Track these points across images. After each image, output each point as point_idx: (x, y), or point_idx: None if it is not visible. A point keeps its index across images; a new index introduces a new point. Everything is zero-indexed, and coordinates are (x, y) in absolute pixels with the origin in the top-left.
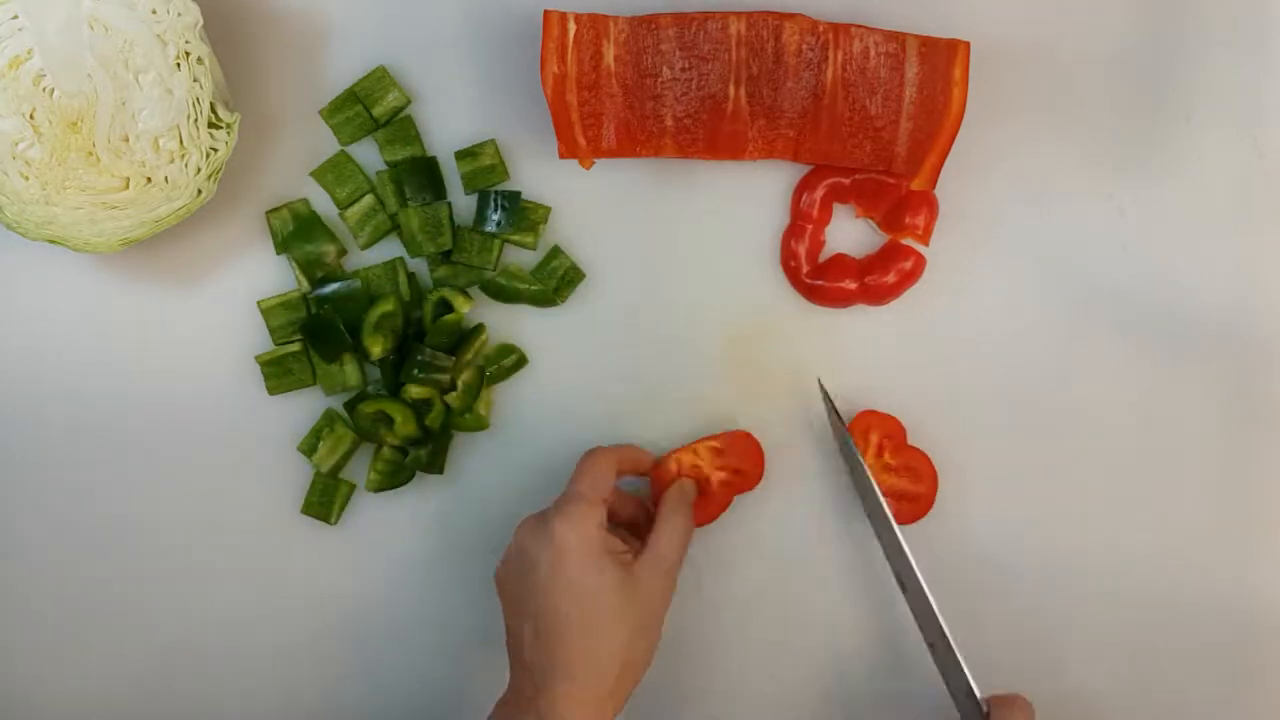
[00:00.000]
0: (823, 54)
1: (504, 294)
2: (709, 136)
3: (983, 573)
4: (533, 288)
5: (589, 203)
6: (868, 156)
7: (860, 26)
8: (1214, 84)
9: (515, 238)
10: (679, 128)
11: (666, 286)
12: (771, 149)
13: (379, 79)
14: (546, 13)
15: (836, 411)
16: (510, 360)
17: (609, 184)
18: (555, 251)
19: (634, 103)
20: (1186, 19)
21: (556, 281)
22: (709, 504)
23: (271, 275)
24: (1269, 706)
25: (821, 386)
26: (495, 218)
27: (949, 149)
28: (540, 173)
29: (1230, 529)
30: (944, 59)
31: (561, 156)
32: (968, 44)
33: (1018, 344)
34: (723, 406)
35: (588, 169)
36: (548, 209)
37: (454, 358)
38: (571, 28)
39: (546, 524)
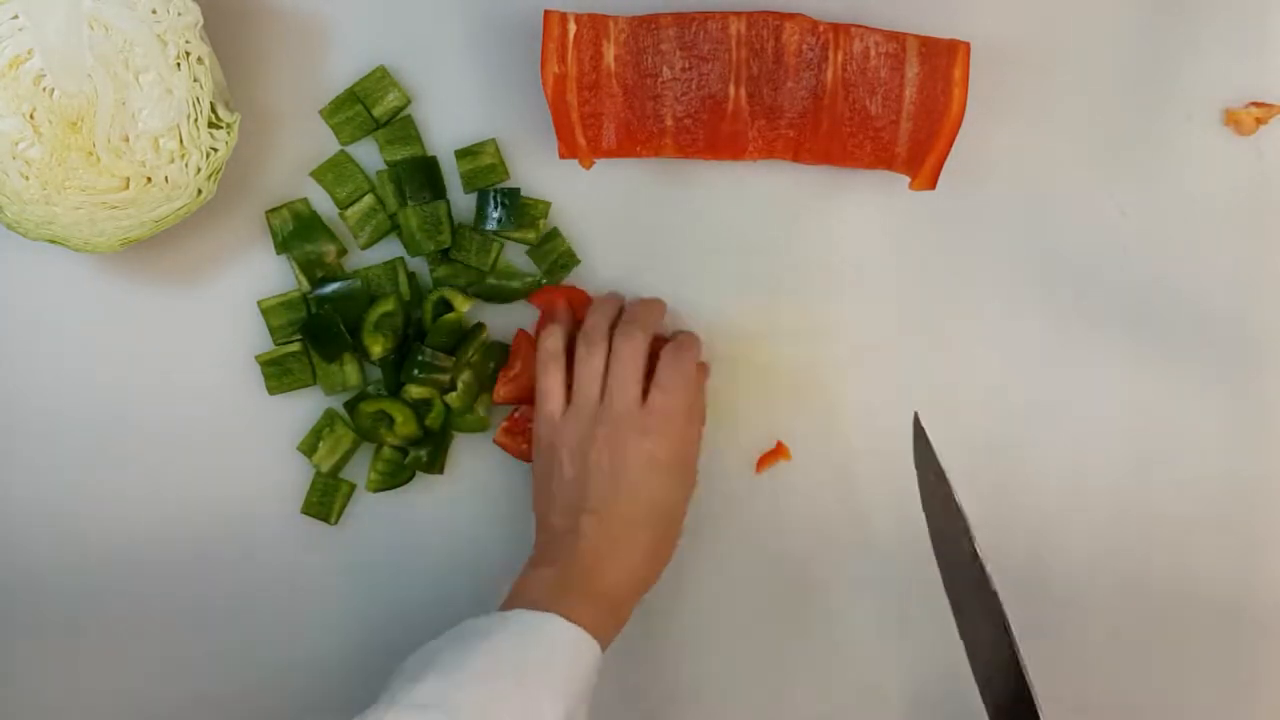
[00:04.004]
0: (823, 54)
1: (501, 295)
2: (709, 136)
3: None
4: (526, 280)
5: (589, 203)
6: (868, 156)
7: (860, 26)
8: (1214, 84)
9: (515, 234)
10: (679, 128)
11: (666, 286)
12: (771, 149)
13: (379, 79)
14: (546, 13)
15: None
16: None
17: (609, 184)
18: (554, 233)
19: (634, 103)
20: (1186, 19)
21: (550, 264)
22: None
23: (271, 275)
24: (1269, 707)
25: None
26: (495, 215)
27: (949, 149)
28: (540, 172)
29: (1230, 528)
30: (944, 59)
31: (561, 156)
32: (968, 44)
33: (1017, 344)
34: (723, 407)
35: (588, 169)
36: (547, 203)
37: (454, 358)
38: (571, 28)
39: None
